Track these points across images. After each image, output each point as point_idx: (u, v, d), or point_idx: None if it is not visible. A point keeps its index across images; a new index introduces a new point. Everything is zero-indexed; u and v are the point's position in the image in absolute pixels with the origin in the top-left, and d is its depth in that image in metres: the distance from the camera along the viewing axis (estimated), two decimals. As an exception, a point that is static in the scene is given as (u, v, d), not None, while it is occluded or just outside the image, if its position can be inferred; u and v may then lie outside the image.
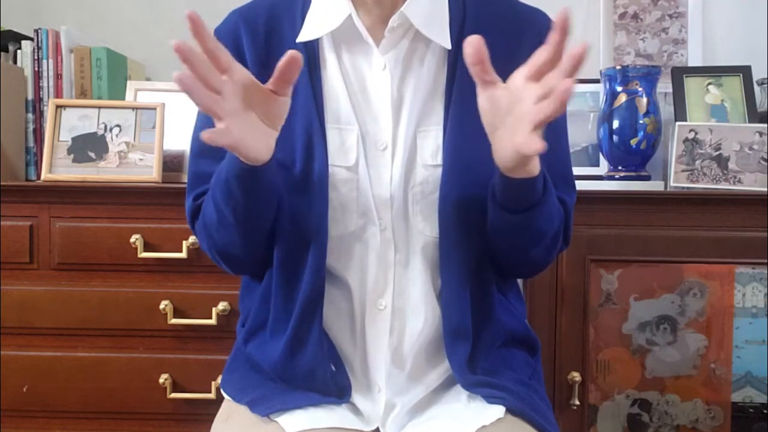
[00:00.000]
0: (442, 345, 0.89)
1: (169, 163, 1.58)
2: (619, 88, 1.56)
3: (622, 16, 1.84)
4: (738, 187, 1.49)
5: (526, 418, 0.84)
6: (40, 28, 1.65)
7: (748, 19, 1.82)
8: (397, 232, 0.88)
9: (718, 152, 1.51)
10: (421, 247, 0.88)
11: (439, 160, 0.87)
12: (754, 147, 1.50)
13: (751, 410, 1.40)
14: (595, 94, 1.70)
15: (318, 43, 0.90)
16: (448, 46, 0.88)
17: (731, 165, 1.50)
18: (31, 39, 1.66)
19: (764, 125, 1.52)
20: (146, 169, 1.52)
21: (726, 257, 1.39)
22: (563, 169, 0.94)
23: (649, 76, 1.56)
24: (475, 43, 0.70)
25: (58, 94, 1.65)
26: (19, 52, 1.67)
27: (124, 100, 1.66)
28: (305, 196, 0.85)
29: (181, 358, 1.43)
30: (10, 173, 1.60)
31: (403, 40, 0.89)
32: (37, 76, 1.66)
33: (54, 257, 1.43)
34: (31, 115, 1.66)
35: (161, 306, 1.40)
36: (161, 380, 1.41)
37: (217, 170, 0.85)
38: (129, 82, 1.70)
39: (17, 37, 1.68)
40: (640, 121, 1.55)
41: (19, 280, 1.43)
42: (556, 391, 1.40)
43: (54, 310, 1.43)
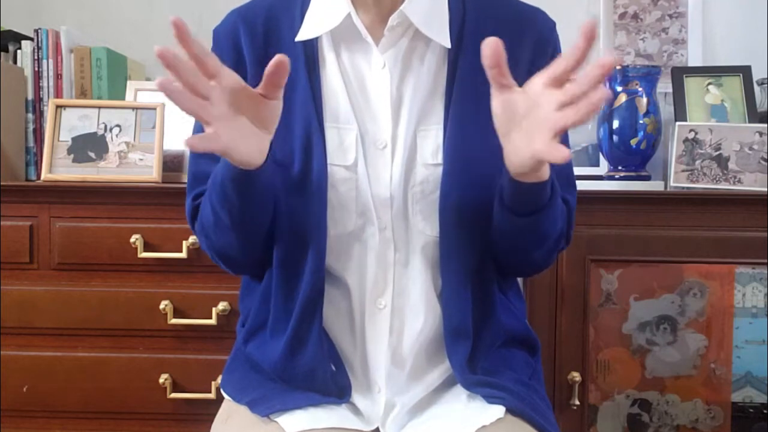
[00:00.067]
0: (443, 344, 0.89)
1: (169, 163, 1.58)
2: (619, 88, 1.56)
3: (622, 16, 1.84)
4: (738, 187, 1.49)
5: (526, 418, 0.84)
6: (40, 28, 1.65)
7: (748, 19, 1.82)
8: (397, 231, 0.88)
9: (718, 152, 1.51)
10: (421, 246, 0.88)
11: (440, 159, 0.86)
12: (754, 147, 1.50)
13: (751, 410, 1.40)
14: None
15: (317, 42, 0.90)
16: (448, 45, 0.88)
17: (731, 165, 1.50)
18: (31, 39, 1.66)
19: (764, 125, 1.52)
20: (146, 169, 1.52)
21: (726, 257, 1.39)
22: (565, 168, 0.94)
23: (649, 76, 1.56)
24: (494, 45, 0.68)
25: (58, 94, 1.65)
26: (19, 52, 1.67)
27: (124, 100, 1.66)
28: (304, 196, 0.85)
29: (181, 358, 1.43)
30: (10, 173, 1.60)
31: (402, 38, 0.89)
32: (37, 76, 1.66)
33: (54, 257, 1.43)
34: (31, 115, 1.66)
35: (161, 306, 1.40)
36: (161, 380, 1.41)
37: (213, 172, 0.84)
38: (129, 82, 1.70)
39: (17, 37, 1.68)
40: (640, 121, 1.55)
41: (19, 280, 1.43)
42: (556, 391, 1.40)
43: (54, 310, 1.43)
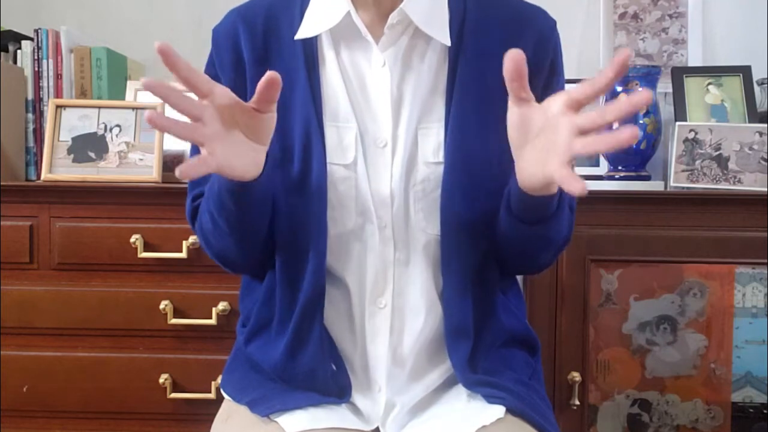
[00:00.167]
0: (443, 344, 0.89)
1: (169, 163, 1.58)
2: (619, 88, 1.56)
3: (622, 16, 1.84)
4: (738, 187, 1.49)
5: (526, 418, 0.84)
6: (40, 28, 1.65)
7: (748, 19, 1.82)
8: (397, 230, 0.88)
9: (718, 152, 1.51)
10: (423, 245, 0.88)
11: (441, 158, 0.86)
12: (754, 147, 1.50)
13: (751, 410, 1.40)
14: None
15: (317, 40, 0.89)
16: (448, 43, 0.87)
17: (731, 165, 1.50)
18: (31, 39, 1.66)
19: (764, 125, 1.51)
20: (146, 169, 1.52)
21: (726, 257, 1.39)
22: None
23: (649, 76, 1.56)
24: (517, 58, 0.68)
25: (58, 94, 1.65)
26: (19, 52, 1.67)
27: (124, 100, 1.66)
28: (304, 195, 0.85)
29: (181, 358, 1.43)
30: (10, 173, 1.60)
31: (402, 37, 0.89)
32: (37, 76, 1.66)
33: (54, 257, 1.43)
34: (31, 115, 1.66)
35: (161, 306, 1.40)
36: (161, 380, 1.41)
37: (211, 180, 0.85)
38: (129, 82, 1.70)
39: (17, 37, 1.68)
40: (640, 121, 1.55)
41: (19, 280, 1.43)
42: (556, 391, 1.40)
43: (54, 310, 1.43)
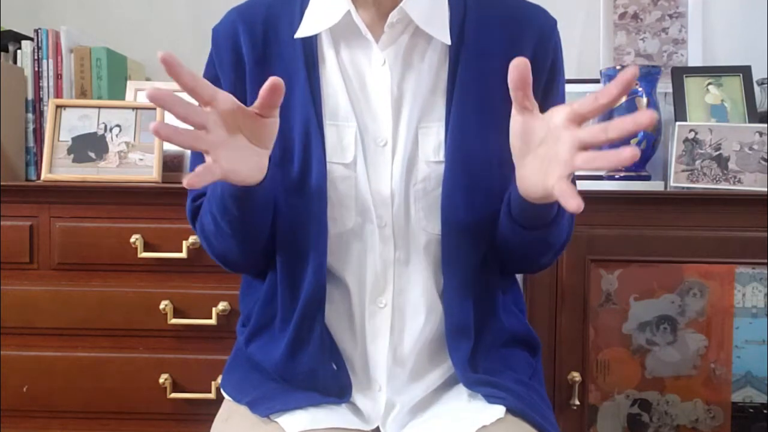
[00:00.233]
0: (444, 344, 0.89)
1: (169, 163, 1.58)
2: (619, 88, 1.55)
3: (622, 16, 1.84)
4: (738, 187, 1.49)
5: (527, 418, 0.84)
6: (40, 28, 1.65)
7: (748, 19, 1.82)
8: (398, 229, 0.88)
9: (718, 152, 1.51)
10: (423, 244, 0.88)
11: (442, 157, 0.86)
12: (754, 147, 1.50)
13: (751, 410, 1.40)
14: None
15: (317, 39, 0.89)
16: (448, 42, 0.87)
17: (731, 165, 1.50)
18: (31, 39, 1.66)
19: (764, 125, 1.51)
20: (146, 169, 1.52)
21: (726, 257, 1.39)
22: None
23: (649, 76, 1.56)
24: (522, 67, 0.68)
25: (58, 94, 1.65)
26: (19, 52, 1.67)
27: (124, 100, 1.66)
28: (304, 195, 0.85)
29: (181, 358, 1.43)
30: (10, 173, 1.60)
31: (402, 35, 0.89)
32: (37, 76, 1.66)
33: (54, 257, 1.43)
34: (31, 115, 1.66)
35: (161, 306, 1.40)
36: (161, 380, 1.41)
37: (213, 183, 0.85)
38: (129, 82, 1.70)
39: (17, 37, 1.68)
40: (640, 121, 1.55)
41: (19, 280, 1.43)
42: (556, 391, 1.40)
43: (54, 310, 1.42)
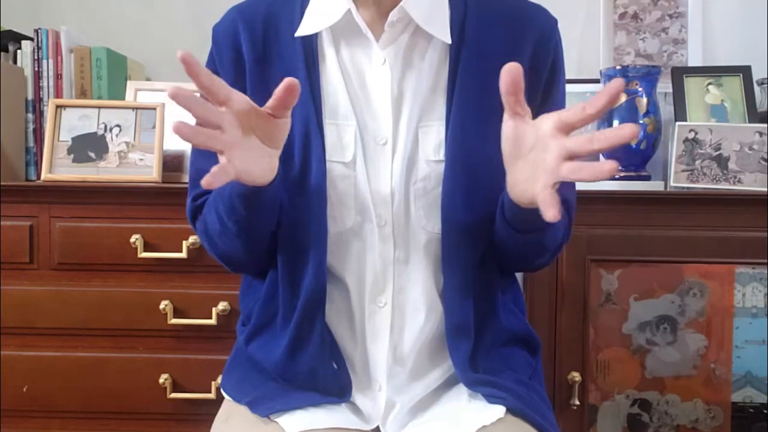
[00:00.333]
0: (444, 343, 0.89)
1: (169, 163, 1.58)
2: (619, 88, 1.56)
3: (622, 16, 1.84)
4: (738, 187, 1.49)
5: (527, 418, 0.84)
6: (40, 28, 1.65)
7: (748, 19, 1.82)
8: (398, 228, 0.88)
9: (718, 152, 1.51)
10: (423, 243, 0.88)
11: (442, 156, 0.86)
12: (754, 147, 1.50)
13: (751, 410, 1.40)
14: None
15: (317, 38, 0.89)
16: (449, 41, 0.87)
17: (731, 165, 1.50)
18: (31, 39, 1.66)
19: (764, 125, 1.51)
20: (146, 169, 1.52)
21: (726, 257, 1.39)
22: None
23: (649, 76, 1.56)
24: (514, 71, 0.68)
25: (58, 94, 1.65)
26: (19, 52, 1.67)
27: (124, 100, 1.66)
28: (304, 194, 0.85)
29: (181, 358, 1.43)
30: (10, 173, 1.60)
31: (403, 34, 0.89)
32: (37, 76, 1.66)
33: (54, 257, 1.43)
34: (31, 115, 1.66)
35: (161, 306, 1.40)
36: (161, 380, 1.41)
37: None
38: (129, 82, 1.70)
39: (17, 37, 1.68)
40: (640, 121, 1.55)
41: (19, 280, 1.43)
42: (556, 391, 1.40)
43: (54, 310, 1.42)
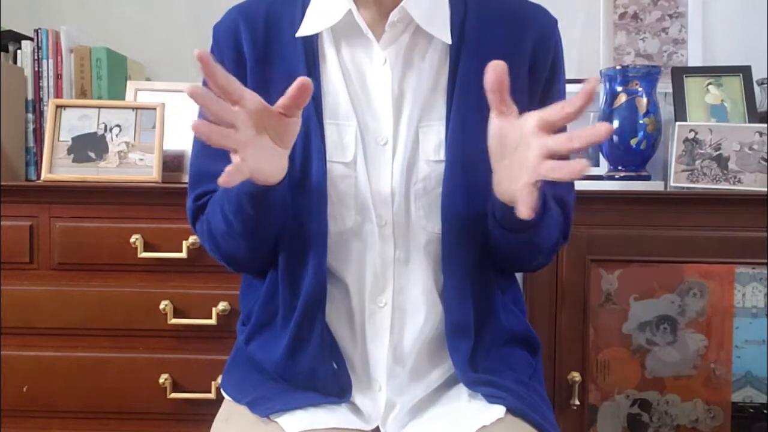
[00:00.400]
0: (444, 343, 0.89)
1: (169, 163, 1.58)
2: (619, 88, 1.56)
3: (622, 16, 1.84)
4: (738, 187, 1.49)
5: (527, 418, 0.84)
6: (40, 28, 1.65)
7: (748, 19, 1.82)
8: (398, 228, 0.88)
9: (718, 152, 1.51)
10: (423, 243, 0.88)
11: (442, 156, 0.86)
12: (754, 147, 1.50)
13: (751, 410, 1.40)
14: (595, 94, 1.70)
15: (317, 38, 0.90)
16: (449, 41, 0.88)
17: (731, 165, 1.50)
18: (31, 39, 1.66)
19: (764, 125, 1.51)
20: (146, 169, 1.52)
21: (726, 257, 1.39)
22: None
23: (649, 76, 1.56)
24: (499, 69, 0.68)
25: (58, 94, 1.65)
26: (19, 52, 1.67)
27: (124, 100, 1.66)
28: (305, 194, 0.85)
29: (181, 358, 1.43)
30: (10, 173, 1.60)
31: (403, 35, 0.89)
32: (37, 76, 1.66)
33: (54, 257, 1.43)
34: (31, 115, 1.66)
35: (161, 306, 1.40)
36: (161, 380, 1.41)
37: None
38: (129, 82, 1.70)
39: (17, 37, 1.68)
40: (640, 121, 1.55)
41: (19, 280, 1.43)
42: (556, 391, 1.40)
43: (54, 310, 1.42)
